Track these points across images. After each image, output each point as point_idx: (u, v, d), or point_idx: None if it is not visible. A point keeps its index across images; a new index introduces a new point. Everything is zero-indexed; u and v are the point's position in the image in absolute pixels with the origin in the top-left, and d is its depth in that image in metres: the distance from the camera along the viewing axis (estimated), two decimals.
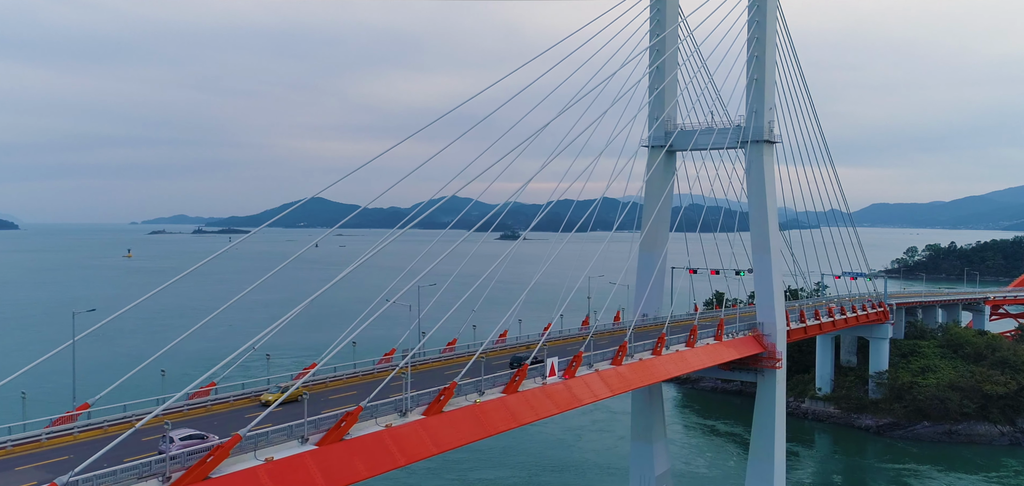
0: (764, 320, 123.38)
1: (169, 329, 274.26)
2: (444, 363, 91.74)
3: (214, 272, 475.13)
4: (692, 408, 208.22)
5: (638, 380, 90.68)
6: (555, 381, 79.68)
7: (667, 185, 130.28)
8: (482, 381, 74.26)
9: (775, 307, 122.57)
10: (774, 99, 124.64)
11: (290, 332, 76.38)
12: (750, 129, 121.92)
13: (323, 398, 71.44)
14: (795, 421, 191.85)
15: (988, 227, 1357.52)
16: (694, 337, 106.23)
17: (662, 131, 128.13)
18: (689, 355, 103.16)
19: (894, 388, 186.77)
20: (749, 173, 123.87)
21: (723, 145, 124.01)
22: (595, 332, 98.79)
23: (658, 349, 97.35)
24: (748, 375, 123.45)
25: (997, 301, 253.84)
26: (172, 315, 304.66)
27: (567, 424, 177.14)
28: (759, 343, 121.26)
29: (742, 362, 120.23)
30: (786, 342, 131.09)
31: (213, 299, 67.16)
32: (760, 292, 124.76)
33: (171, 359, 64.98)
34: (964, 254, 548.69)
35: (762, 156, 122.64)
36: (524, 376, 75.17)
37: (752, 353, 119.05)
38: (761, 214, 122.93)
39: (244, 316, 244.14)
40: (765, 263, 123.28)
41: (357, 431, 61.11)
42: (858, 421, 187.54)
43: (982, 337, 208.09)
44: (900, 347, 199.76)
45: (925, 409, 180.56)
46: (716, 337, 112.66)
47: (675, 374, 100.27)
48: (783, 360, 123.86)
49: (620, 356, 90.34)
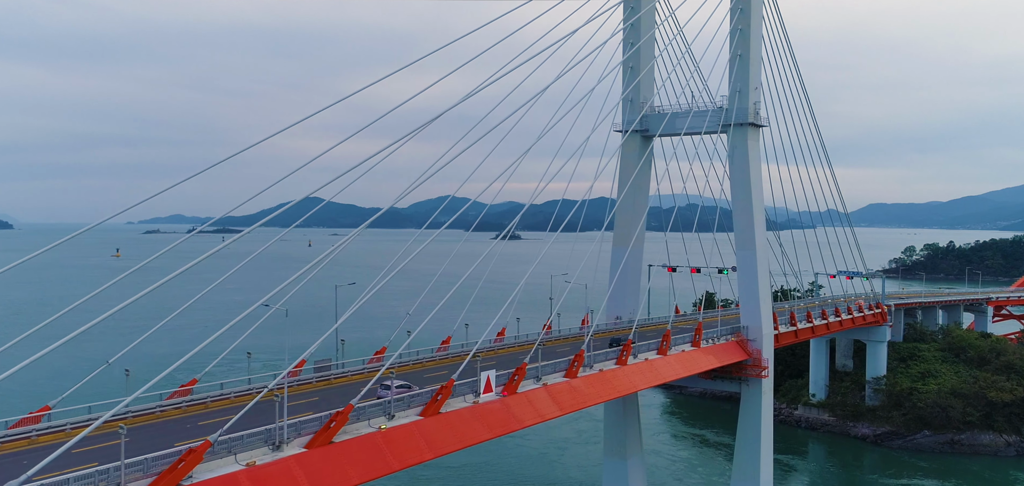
0: (749, 323, 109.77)
1: (138, 330, 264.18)
2: (436, 363, 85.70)
3: (199, 272, 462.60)
4: (679, 416, 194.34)
5: (595, 395, 77.08)
6: (490, 399, 65.98)
7: (643, 173, 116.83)
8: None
9: (761, 309, 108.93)
10: (760, 77, 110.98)
11: (274, 333, 73.76)
12: (732, 110, 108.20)
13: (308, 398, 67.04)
14: (787, 429, 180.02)
15: (986, 227, 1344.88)
16: (667, 344, 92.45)
17: (636, 113, 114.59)
18: (660, 365, 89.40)
19: (892, 394, 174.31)
20: (732, 160, 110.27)
21: (703, 129, 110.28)
22: (548, 339, 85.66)
23: (623, 358, 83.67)
24: (731, 385, 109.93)
25: (1000, 302, 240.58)
26: (145, 316, 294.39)
27: (549, 436, 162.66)
28: (743, 349, 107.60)
29: (724, 371, 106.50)
30: (774, 347, 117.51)
31: (193, 299, 60.86)
32: (744, 293, 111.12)
33: (137, 361, 64.93)
34: (963, 254, 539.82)
35: (746, 141, 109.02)
36: (448, 394, 61.53)
37: (735, 360, 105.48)
38: (745, 206, 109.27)
39: (225, 317, 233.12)
40: (750, 260, 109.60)
41: (345, 434, 55.69)
42: (854, 430, 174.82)
43: (985, 340, 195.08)
44: (899, 350, 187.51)
45: (926, 417, 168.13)
46: (693, 343, 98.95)
47: (642, 387, 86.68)
48: (770, 368, 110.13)
49: (575, 367, 76.63)
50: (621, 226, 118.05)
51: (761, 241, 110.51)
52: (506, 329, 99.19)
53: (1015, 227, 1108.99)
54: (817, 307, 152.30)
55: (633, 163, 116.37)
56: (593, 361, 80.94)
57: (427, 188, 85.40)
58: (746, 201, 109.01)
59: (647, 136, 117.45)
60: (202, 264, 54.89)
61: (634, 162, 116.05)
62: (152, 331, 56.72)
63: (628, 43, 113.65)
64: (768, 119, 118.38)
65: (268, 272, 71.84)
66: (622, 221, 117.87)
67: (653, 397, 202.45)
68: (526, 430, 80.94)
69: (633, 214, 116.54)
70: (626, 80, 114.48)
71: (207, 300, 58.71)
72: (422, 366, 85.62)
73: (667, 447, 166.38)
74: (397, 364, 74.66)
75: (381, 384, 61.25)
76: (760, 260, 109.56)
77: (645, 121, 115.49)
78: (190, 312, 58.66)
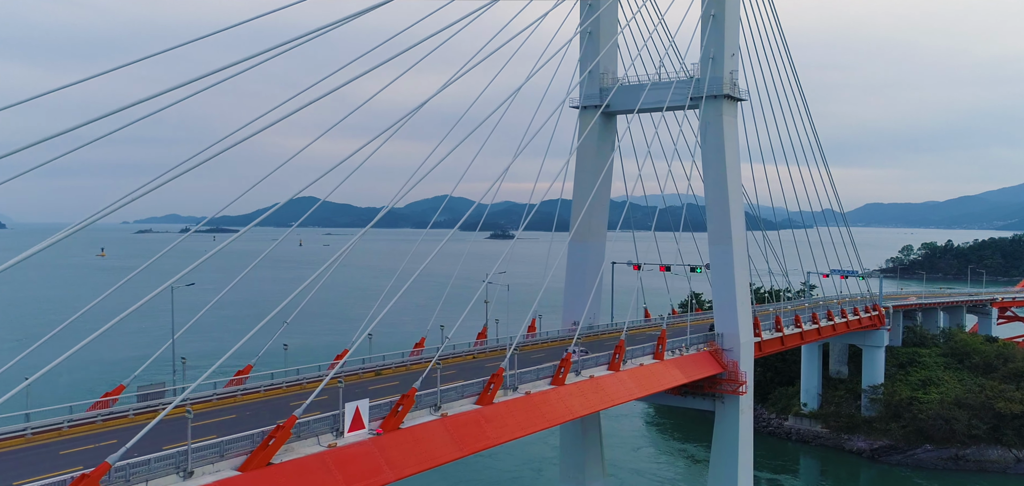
0: (724, 331, 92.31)
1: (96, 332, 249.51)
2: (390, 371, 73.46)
3: (181, 271, 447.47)
4: (663, 427, 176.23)
5: (516, 427, 59.79)
6: (359, 438, 48.55)
7: (604, 156, 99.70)
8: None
9: (738, 313, 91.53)
10: (737, 42, 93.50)
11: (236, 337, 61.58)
12: (705, 80, 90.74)
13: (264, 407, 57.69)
14: (776, 442, 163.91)
15: (983, 227, 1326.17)
16: (620, 357, 74.93)
17: (597, 87, 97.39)
18: (609, 384, 71.88)
19: (891, 404, 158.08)
20: (704, 139, 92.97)
21: (666, 103, 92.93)
22: (483, 350, 69.00)
23: (559, 377, 66.23)
24: (703, 402, 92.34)
25: (1005, 303, 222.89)
26: (109, 317, 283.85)
27: (525, 453, 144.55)
28: (716, 361, 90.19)
29: (695, 386, 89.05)
30: (756, 357, 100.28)
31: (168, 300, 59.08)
32: (719, 295, 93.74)
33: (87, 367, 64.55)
34: (962, 253, 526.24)
35: (721, 116, 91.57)
36: (282, 443, 44.25)
37: (707, 374, 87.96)
38: (719, 192, 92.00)
39: (197, 319, 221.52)
40: (725, 256, 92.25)
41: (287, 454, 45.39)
42: (849, 443, 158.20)
43: (991, 345, 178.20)
44: (897, 356, 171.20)
45: (927, 430, 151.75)
46: (655, 355, 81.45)
47: (582, 413, 69.13)
48: (749, 382, 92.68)
49: (490, 391, 59.23)
50: (582, 219, 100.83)
51: (739, 233, 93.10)
52: (487, 329, 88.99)
53: (1012, 227, 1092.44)
54: (807, 310, 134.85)
55: (593, 145, 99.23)
56: (518, 382, 63.54)
57: (425, 188, 76.70)
58: (721, 186, 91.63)
59: (609, 114, 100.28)
60: (190, 262, 49.57)
61: (594, 143, 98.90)
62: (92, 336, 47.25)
63: (587, 6, 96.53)
64: (758, 115, 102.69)
65: (257, 272, 67.02)
66: (581, 213, 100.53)
67: (634, 405, 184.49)
68: (497, 449, 66.56)
69: (594, 204, 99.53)
70: (585, 49, 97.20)
71: (184, 301, 54.92)
72: (375, 376, 71.54)
73: (649, 464, 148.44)
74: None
75: None
76: (737, 256, 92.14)
77: (606, 96, 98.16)
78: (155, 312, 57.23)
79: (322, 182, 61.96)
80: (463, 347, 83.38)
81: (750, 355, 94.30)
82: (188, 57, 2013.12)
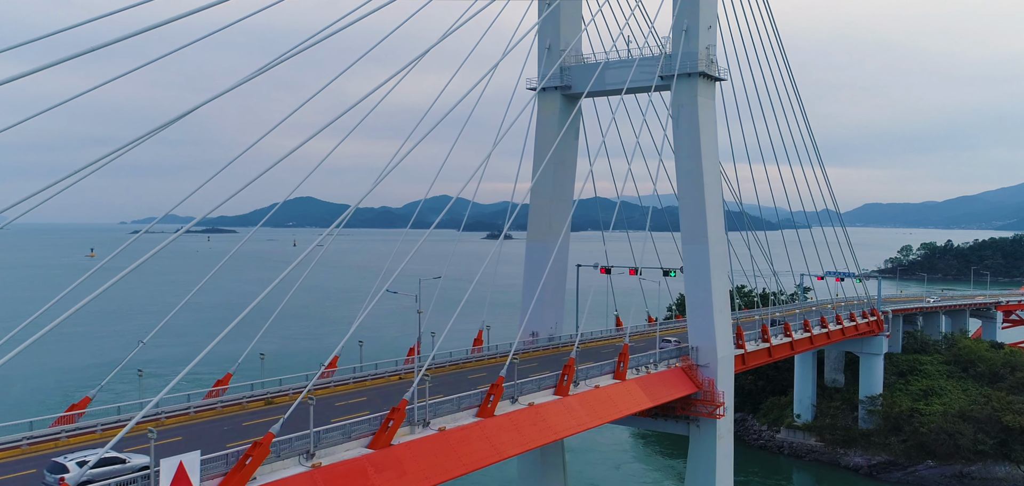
0: (699, 344, 79.25)
1: (65, 337, 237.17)
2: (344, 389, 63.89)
3: (168, 272, 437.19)
4: (648, 440, 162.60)
5: (421, 478, 46.41)
6: None
7: (568, 145, 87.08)
8: None
9: (715, 323, 78.54)
10: (715, 13, 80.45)
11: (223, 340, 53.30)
12: (676, 56, 77.78)
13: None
14: (768, 456, 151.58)
15: (981, 227, 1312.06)
16: (569, 379, 61.91)
17: (557, 67, 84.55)
18: (553, 414, 58.76)
19: (890, 417, 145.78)
20: (677, 123, 79.94)
21: (637, 84, 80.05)
22: (432, 365, 56.16)
23: (487, 406, 53.31)
24: (676, 426, 79.38)
25: (1011, 306, 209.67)
26: (86, 320, 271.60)
27: (503, 476, 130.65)
28: (689, 379, 77.10)
29: (667, 407, 76.14)
30: (739, 371, 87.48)
31: (150, 301, 51.29)
32: (694, 302, 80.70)
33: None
34: (962, 253, 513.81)
35: (696, 98, 78.57)
36: None
37: (678, 395, 74.96)
38: (694, 184, 79.11)
39: (169, 321, 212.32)
40: (700, 258, 79.28)
41: None
42: (845, 458, 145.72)
43: (997, 352, 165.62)
44: (897, 363, 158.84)
45: (929, 445, 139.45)
46: (616, 374, 68.47)
47: (513, 453, 55.81)
48: (728, 403, 79.67)
49: (387, 429, 46.24)
50: (540, 215, 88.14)
51: (716, 231, 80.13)
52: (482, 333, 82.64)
53: (1011, 227, 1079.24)
54: (798, 316, 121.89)
55: (553, 133, 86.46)
56: (431, 415, 50.55)
57: (424, 188, 76.25)
58: (695, 177, 78.64)
59: (572, 97, 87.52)
60: (181, 262, 36.02)
61: (555, 131, 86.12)
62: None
63: None
64: (753, 110, 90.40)
65: (247, 274, 61.81)
66: (541, 209, 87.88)
67: None
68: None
69: (556, 198, 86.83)
70: (543, 18, 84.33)
71: (161, 302, 48.71)
72: (332, 392, 61.47)
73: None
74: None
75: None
76: (714, 256, 79.14)
77: (568, 76, 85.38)
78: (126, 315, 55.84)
79: (320, 182, 54.91)
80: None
81: (729, 371, 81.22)
82: (182, 57, 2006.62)
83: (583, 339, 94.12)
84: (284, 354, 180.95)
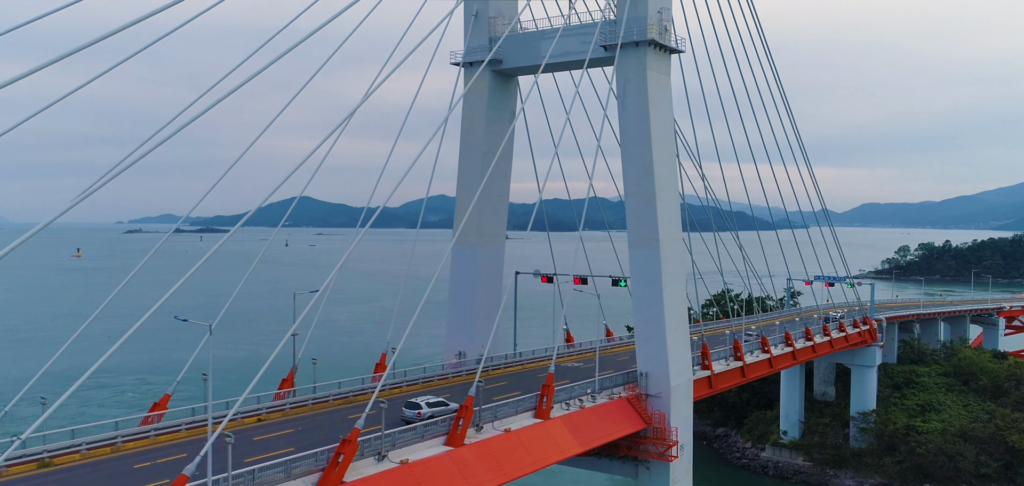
0: (649, 370, 64.78)
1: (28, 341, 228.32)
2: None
3: (157, 271, 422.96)
4: None
5: None
6: None
7: (501, 129, 72.92)
8: None
9: (668, 344, 64.02)
10: None
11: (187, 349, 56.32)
12: (621, 21, 63.40)
13: None
14: (752, 477, 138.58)
15: (980, 227, 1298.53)
16: (465, 424, 47.45)
17: (485, 37, 70.59)
18: (435, 472, 44.19)
19: (884, 435, 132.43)
20: (622, 105, 65.51)
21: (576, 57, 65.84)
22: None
23: (335, 468, 39.05)
24: (622, 467, 65.03)
25: (1014, 312, 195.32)
26: (50, 322, 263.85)
27: None
28: (636, 412, 62.64)
29: (609, 448, 61.80)
30: (705, 396, 73.18)
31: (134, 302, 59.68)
32: (642, 319, 66.16)
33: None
34: (960, 254, 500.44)
35: (645, 72, 64.09)
36: None
37: (621, 434, 60.50)
38: (642, 179, 64.77)
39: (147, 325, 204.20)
40: (649, 266, 64.81)
41: None
42: (835, 480, 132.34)
43: (1000, 363, 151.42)
44: (892, 375, 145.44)
45: (927, 467, 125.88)
46: (537, 411, 54.07)
47: None
48: (685, 442, 65.14)
49: None
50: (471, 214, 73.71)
51: (670, 233, 65.64)
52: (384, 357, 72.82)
53: (1010, 227, 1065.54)
54: (779, 327, 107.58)
55: (482, 116, 72.31)
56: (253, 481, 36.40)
57: (420, 187, 76.22)
58: (644, 167, 64.17)
59: (505, 73, 73.32)
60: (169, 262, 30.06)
61: (483, 110, 71.99)
62: None
63: None
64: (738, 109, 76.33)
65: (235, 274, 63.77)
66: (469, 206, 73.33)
67: None
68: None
69: (489, 194, 72.63)
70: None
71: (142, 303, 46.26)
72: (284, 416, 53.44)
73: None
74: None
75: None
76: (668, 264, 64.66)
77: (500, 50, 71.03)
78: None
79: (316, 182, 51.29)
80: None
81: (687, 401, 66.67)
82: (180, 56, 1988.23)
83: (524, 359, 79.96)
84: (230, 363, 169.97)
